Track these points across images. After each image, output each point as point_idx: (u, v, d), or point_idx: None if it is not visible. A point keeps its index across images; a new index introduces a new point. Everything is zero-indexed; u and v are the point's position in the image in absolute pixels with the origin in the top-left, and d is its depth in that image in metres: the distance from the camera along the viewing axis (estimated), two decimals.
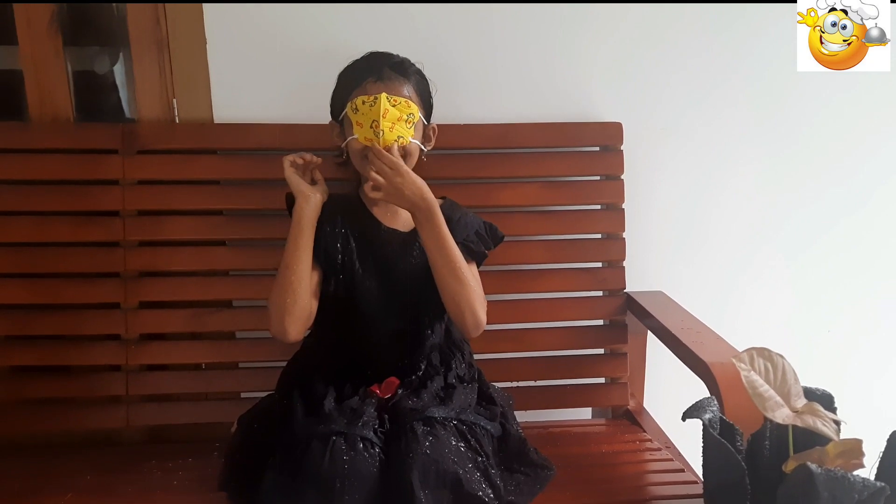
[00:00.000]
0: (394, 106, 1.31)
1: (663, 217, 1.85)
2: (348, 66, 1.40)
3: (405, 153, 1.35)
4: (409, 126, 1.33)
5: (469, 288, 1.34)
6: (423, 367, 1.39)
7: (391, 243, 1.40)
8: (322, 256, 1.37)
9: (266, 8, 1.63)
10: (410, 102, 1.33)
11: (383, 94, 1.30)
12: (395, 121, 1.31)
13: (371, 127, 1.31)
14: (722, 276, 1.91)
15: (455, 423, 1.26)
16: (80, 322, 1.60)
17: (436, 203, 1.33)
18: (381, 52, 1.40)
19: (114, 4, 1.75)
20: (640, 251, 1.79)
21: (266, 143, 1.62)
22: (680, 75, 1.79)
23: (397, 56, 1.39)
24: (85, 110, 1.69)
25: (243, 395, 1.65)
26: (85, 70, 1.78)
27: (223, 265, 1.64)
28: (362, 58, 1.40)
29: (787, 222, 1.90)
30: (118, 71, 1.82)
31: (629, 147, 1.73)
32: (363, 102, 1.31)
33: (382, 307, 1.39)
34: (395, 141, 1.32)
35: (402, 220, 1.42)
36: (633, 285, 1.74)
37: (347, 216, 1.41)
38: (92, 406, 1.63)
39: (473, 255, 1.41)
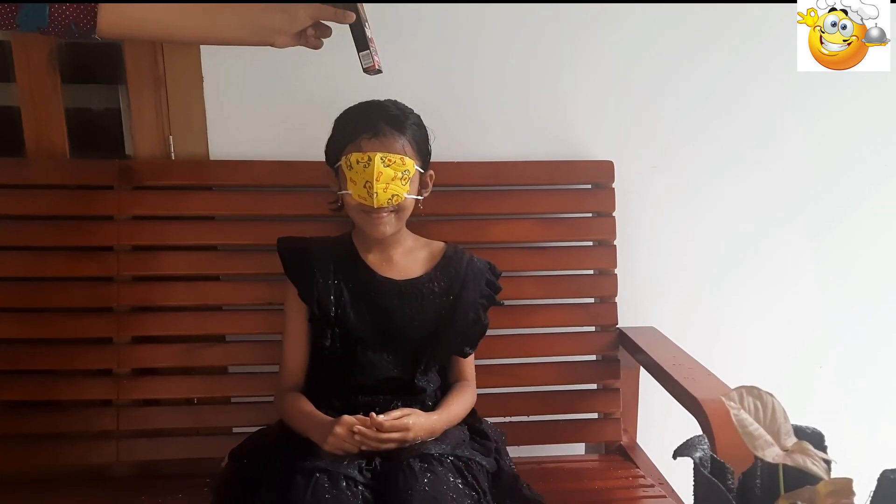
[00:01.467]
0: (388, 166, 1.29)
1: (654, 253, 1.87)
2: (344, 113, 1.37)
3: (399, 207, 1.35)
4: (404, 183, 1.31)
5: (467, 409, 1.42)
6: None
7: (386, 292, 1.39)
8: (316, 309, 1.37)
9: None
10: (405, 158, 1.31)
11: (377, 156, 1.28)
12: (389, 181, 1.29)
13: (364, 187, 1.29)
14: (713, 312, 1.92)
15: (451, 458, 1.26)
16: (72, 357, 1.60)
17: (441, 423, 1.34)
18: (378, 103, 1.36)
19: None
20: (632, 287, 1.79)
21: (261, 180, 1.64)
22: (670, 114, 1.81)
23: (394, 107, 1.35)
24: (81, 147, 1.69)
25: (235, 429, 1.64)
26: (82, 107, 1.79)
27: (216, 300, 1.65)
28: (359, 107, 1.36)
29: (777, 258, 1.92)
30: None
31: (620, 184, 1.74)
32: (357, 161, 1.29)
33: (377, 356, 1.38)
34: (389, 200, 1.31)
35: (396, 269, 1.42)
36: (624, 321, 1.74)
37: (341, 265, 1.40)
38: (82, 441, 1.61)
39: (480, 335, 1.46)
